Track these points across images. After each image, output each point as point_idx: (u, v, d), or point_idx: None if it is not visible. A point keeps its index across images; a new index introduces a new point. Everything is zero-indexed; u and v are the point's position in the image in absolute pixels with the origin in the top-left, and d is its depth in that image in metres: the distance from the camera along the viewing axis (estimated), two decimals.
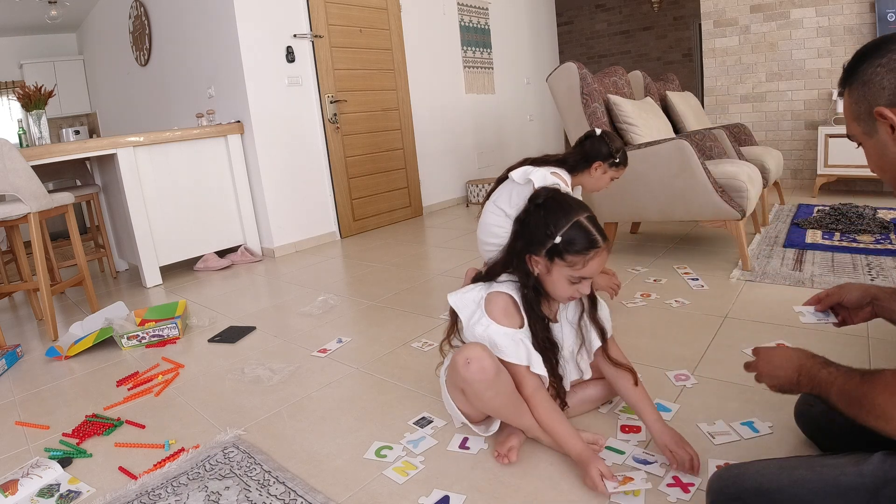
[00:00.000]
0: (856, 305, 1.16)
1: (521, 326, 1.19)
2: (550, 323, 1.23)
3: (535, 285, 1.17)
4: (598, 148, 1.95)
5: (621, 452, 1.23)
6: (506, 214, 2.06)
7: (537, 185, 1.80)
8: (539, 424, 1.19)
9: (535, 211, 1.16)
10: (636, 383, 1.23)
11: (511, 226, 2.02)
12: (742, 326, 1.85)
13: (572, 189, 1.95)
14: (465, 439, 1.34)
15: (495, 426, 1.27)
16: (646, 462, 1.19)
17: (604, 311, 1.30)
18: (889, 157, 0.86)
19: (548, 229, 1.12)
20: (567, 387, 1.31)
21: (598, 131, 1.97)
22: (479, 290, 1.23)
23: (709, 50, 4.63)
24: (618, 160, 1.95)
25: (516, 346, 1.16)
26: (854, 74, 0.89)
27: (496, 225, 2.06)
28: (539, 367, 1.17)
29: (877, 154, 0.89)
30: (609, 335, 1.27)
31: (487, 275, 1.24)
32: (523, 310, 1.19)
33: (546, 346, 1.20)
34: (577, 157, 1.96)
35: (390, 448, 1.34)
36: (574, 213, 1.13)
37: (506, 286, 1.20)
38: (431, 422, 1.44)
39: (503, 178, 2.00)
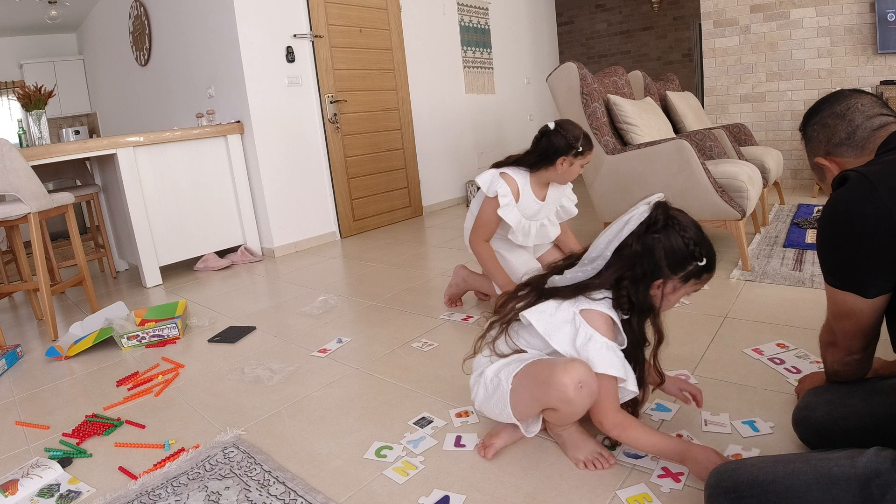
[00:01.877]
0: None
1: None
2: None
3: (637, 308, 1.12)
4: (556, 143, 1.93)
5: (612, 448, 1.25)
6: (473, 216, 2.17)
7: (482, 189, 2.01)
8: (637, 445, 1.13)
9: (667, 236, 1.09)
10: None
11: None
12: (742, 326, 1.85)
13: (527, 183, 2.02)
14: (459, 437, 1.35)
15: (537, 427, 1.22)
16: (636, 456, 1.21)
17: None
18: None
19: (694, 252, 1.09)
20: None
21: (552, 125, 1.95)
22: (566, 309, 1.15)
23: (709, 50, 4.63)
24: (580, 149, 1.92)
25: (623, 362, 1.11)
26: (802, 132, 1.12)
27: (467, 229, 2.21)
28: (633, 384, 1.13)
29: (830, 191, 1.05)
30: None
31: (565, 293, 1.17)
32: (623, 331, 1.14)
33: (638, 363, 1.17)
34: (536, 156, 1.98)
35: (390, 448, 1.34)
36: (702, 231, 1.13)
37: (602, 305, 1.13)
38: (431, 422, 1.44)
39: None
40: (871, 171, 0.89)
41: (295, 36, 3.72)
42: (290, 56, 3.70)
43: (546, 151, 1.95)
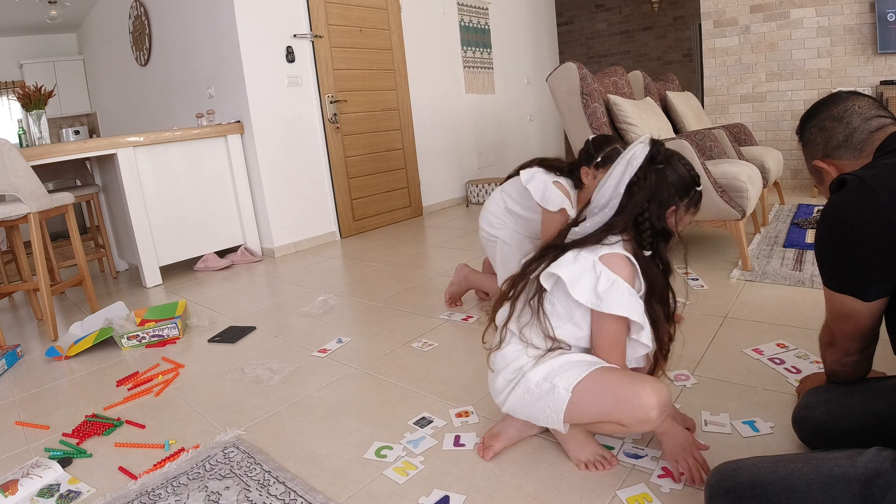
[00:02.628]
0: None
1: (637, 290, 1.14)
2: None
3: (660, 235, 1.14)
4: (582, 154, 1.92)
5: (611, 448, 1.25)
6: (506, 207, 2.07)
7: (533, 195, 1.87)
8: None
9: (669, 167, 1.14)
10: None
11: (508, 221, 2.01)
12: (742, 326, 1.85)
13: (575, 200, 1.90)
14: (458, 437, 1.35)
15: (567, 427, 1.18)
16: (636, 456, 1.21)
17: None
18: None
19: (695, 178, 1.17)
20: None
21: (591, 137, 1.93)
22: (587, 257, 1.12)
23: (709, 50, 4.63)
24: (599, 159, 1.85)
25: (643, 310, 1.11)
26: (800, 136, 1.11)
27: (493, 214, 2.12)
28: (647, 337, 1.14)
29: (827, 194, 1.05)
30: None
31: (589, 241, 1.14)
32: (641, 271, 1.14)
33: (666, 296, 1.17)
34: (568, 170, 1.95)
35: (390, 448, 1.34)
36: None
37: (618, 247, 1.13)
38: (431, 422, 1.44)
39: (515, 173, 2.02)
40: (870, 174, 0.89)
41: (295, 36, 3.72)
42: (290, 56, 3.70)
43: (573, 162, 1.91)
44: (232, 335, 2.26)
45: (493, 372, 1.25)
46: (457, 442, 1.33)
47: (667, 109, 3.50)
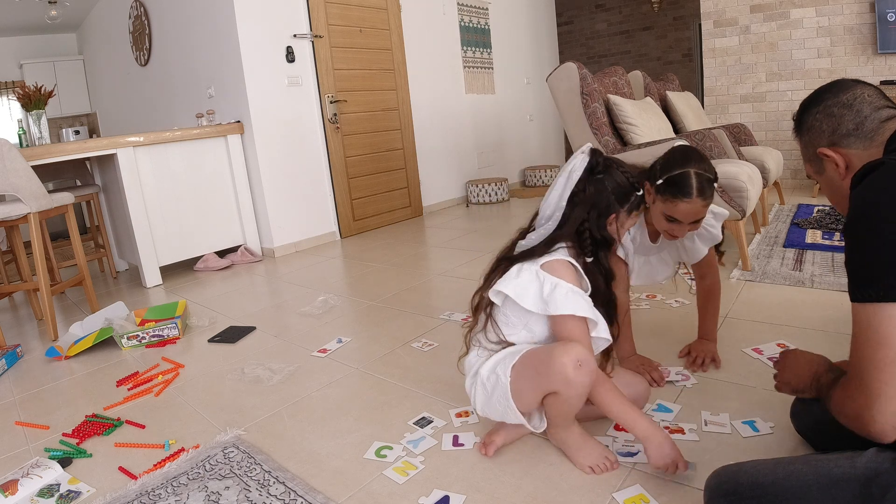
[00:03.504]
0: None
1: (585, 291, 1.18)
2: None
3: (601, 244, 1.19)
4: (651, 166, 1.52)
5: (606, 447, 1.24)
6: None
7: None
8: (604, 403, 1.15)
9: (608, 175, 1.19)
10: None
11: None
12: (742, 326, 1.85)
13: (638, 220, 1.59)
14: (457, 437, 1.35)
15: (545, 423, 1.21)
16: (630, 454, 1.22)
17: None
18: (836, 189, 0.98)
19: (634, 185, 1.21)
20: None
21: (675, 145, 1.53)
22: (529, 268, 1.17)
23: (709, 50, 4.63)
24: (661, 183, 1.42)
25: (591, 306, 1.14)
26: (799, 124, 1.03)
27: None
28: (605, 331, 1.17)
29: (828, 188, 1.01)
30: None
31: (536, 251, 1.19)
32: (584, 273, 1.19)
33: (608, 300, 1.21)
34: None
35: (390, 448, 1.34)
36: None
37: (559, 254, 1.18)
38: (431, 422, 1.44)
39: None
40: None
41: (295, 36, 3.72)
42: (290, 56, 3.70)
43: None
44: (232, 335, 2.26)
45: (465, 377, 1.30)
46: (455, 442, 1.33)
47: (667, 109, 3.50)
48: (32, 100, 3.24)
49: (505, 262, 1.23)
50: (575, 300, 1.12)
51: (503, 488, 1.16)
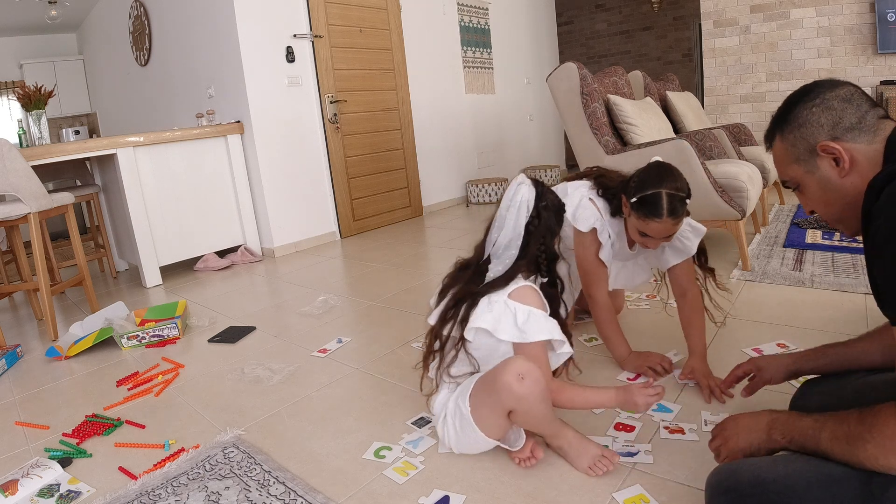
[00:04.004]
0: (780, 382, 1.22)
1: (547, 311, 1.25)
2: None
3: (552, 261, 1.28)
4: (628, 180, 1.55)
5: (605, 447, 1.24)
6: None
7: (567, 209, 1.59)
8: (573, 404, 1.24)
9: (549, 201, 1.28)
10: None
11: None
12: (742, 326, 1.85)
13: (616, 229, 1.64)
14: None
15: (522, 439, 1.21)
16: (630, 454, 1.22)
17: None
18: (833, 189, 0.91)
19: (563, 207, 1.31)
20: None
21: (652, 161, 1.54)
22: (498, 300, 1.21)
23: (709, 50, 4.63)
24: (635, 201, 1.47)
25: (558, 328, 1.21)
26: (786, 121, 0.95)
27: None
28: (568, 347, 1.24)
29: (820, 190, 0.93)
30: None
31: (498, 284, 1.23)
32: (544, 295, 1.26)
33: (565, 306, 1.31)
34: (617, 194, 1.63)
35: (389, 449, 1.34)
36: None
37: (520, 280, 1.24)
38: (429, 422, 1.44)
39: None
40: None
41: (295, 36, 3.72)
42: (290, 56, 3.70)
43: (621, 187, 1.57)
44: (232, 335, 2.26)
45: (434, 416, 1.31)
46: None
47: (667, 109, 3.50)
48: (32, 100, 3.24)
49: (470, 296, 1.24)
50: (547, 326, 1.20)
51: (503, 488, 1.16)
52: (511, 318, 1.19)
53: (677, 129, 3.46)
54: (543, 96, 6.17)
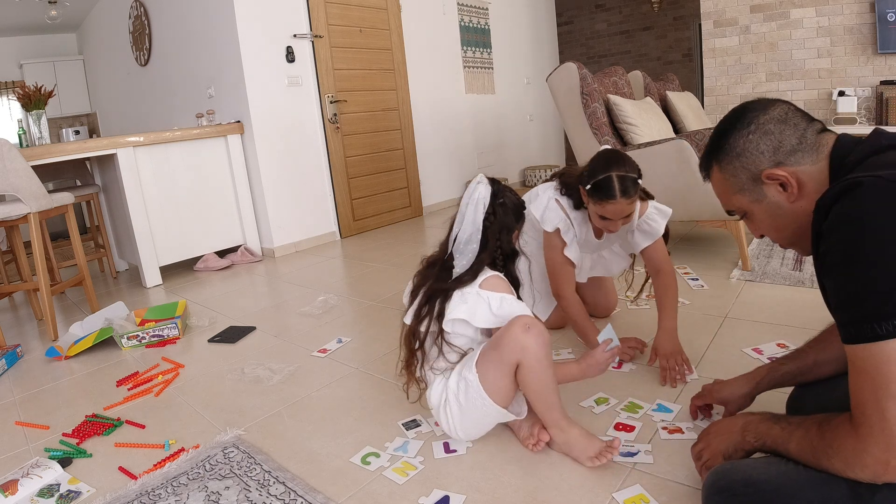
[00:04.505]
0: (741, 406, 1.20)
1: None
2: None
3: (509, 257, 1.37)
4: (583, 170, 1.64)
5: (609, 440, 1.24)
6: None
7: (534, 213, 1.74)
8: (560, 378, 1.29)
9: (506, 197, 1.37)
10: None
11: (532, 236, 1.91)
12: (742, 326, 1.85)
13: (579, 220, 1.72)
14: (447, 444, 1.33)
15: (523, 406, 1.28)
16: (630, 454, 1.22)
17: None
18: (783, 215, 0.89)
19: (522, 204, 1.41)
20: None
21: (600, 150, 1.64)
22: (470, 291, 1.28)
23: (709, 50, 4.63)
24: (589, 188, 1.56)
25: (523, 306, 1.29)
26: (721, 151, 0.92)
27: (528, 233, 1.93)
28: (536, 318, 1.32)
29: (769, 217, 0.91)
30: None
31: (466, 278, 1.30)
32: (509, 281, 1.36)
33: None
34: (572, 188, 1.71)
35: (377, 455, 1.32)
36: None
37: (486, 272, 1.32)
38: (419, 425, 1.43)
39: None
40: (887, 172, 0.73)
41: (295, 36, 3.72)
42: (290, 56, 3.70)
43: (580, 179, 1.63)
44: (232, 335, 2.26)
45: (434, 409, 1.32)
46: (447, 449, 1.32)
47: (667, 109, 3.50)
48: (32, 100, 3.24)
49: (441, 294, 1.30)
50: (519, 306, 1.27)
51: (503, 488, 1.16)
52: (486, 307, 1.26)
53: (677, 129, 3.46)
54: (543, 96, 6.17)
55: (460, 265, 1.31)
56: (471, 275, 1.30)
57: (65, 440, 1.54)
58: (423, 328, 1.30)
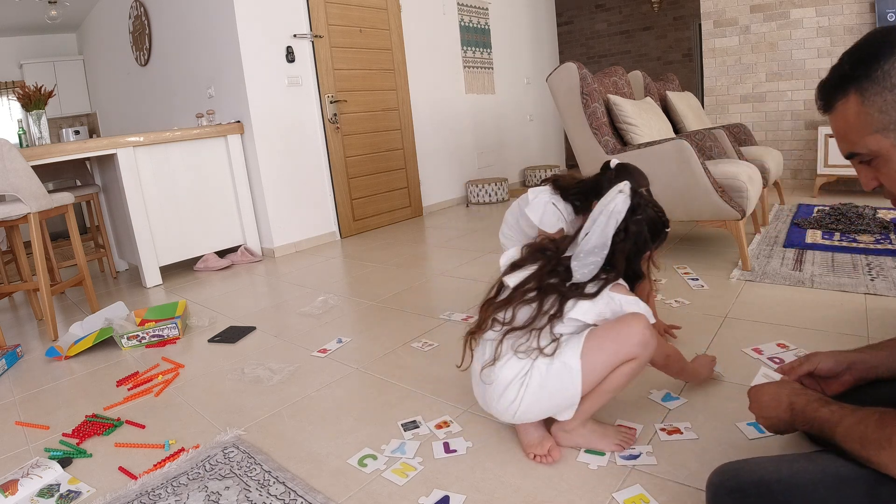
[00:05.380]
0: (829, 374, 1.08)
1: None
2: None
3: (632, 279, 1.31)
4: (599, 185, 1.65)
5: (600, 454, 1.23)
6: (517, 221, 1.94)
7: (531, 217, 1.73)
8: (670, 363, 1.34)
9: (646, 215, 1.27)
10: None
11: (516, 235, 1.93)
12: (742, 326, 1.85)
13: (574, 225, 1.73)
14: (447, 444, 1.33)
15: (573, 411, 1.24)
16: (632, 457, 1.22)
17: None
18: None
19: (665, 222, 1.32)
20: None
21: (613, 163, 1.67)
22: (604, 296, 1.23)
23: (709, 50, 4.63)
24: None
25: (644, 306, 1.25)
26: (870, 78, 0.75)
27: (507, 225, 1.98)
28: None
29: None
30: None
31: (588, 294, 1.23)
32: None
33: None
34: (580, 196, 1.71)
35: (374, 458, 1.31)
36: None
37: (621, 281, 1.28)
38: (418, 427, 1.43)
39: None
40: None
41: (295, 36, 3.72)
42: (290, 56, 3.70)
43: (587, 193, 1.68)
44: (232, 335, 2.26)
45: (487, 384, 1.24)
46: (447, 449, 1.31)
47: (667, 109, 3.50)
48: (32, 100, 3.24)
49: (555, 292, 1.22)
50: (646, 307, 1.22)
51: (503, 488, 1.16)
52: (616, 309, 1.21)
53: (677, 129, 3.46)
54: (543, 96, 6.17)
55: (580, 273, 1.22)
56: (593, 294, 1.21)
57: (65, 440, 1.54)
58: (522, 314, 1.22)
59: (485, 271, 2.81)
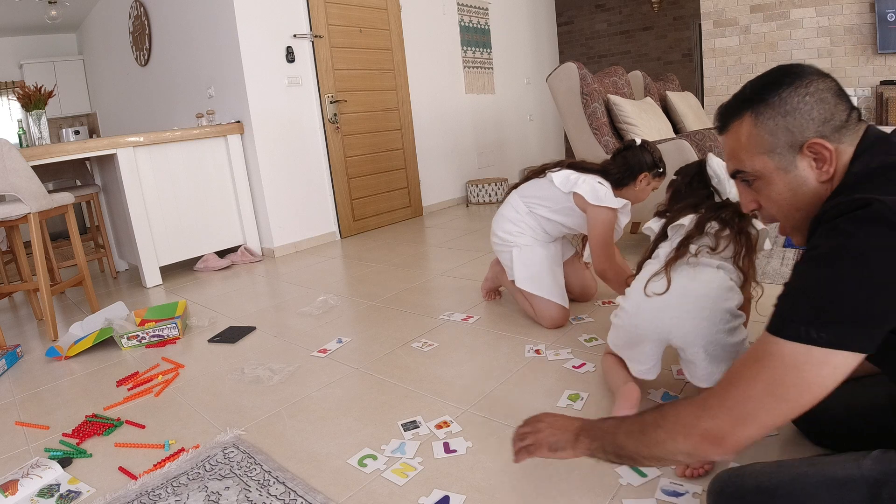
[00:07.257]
0: None
1: None
2: None
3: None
4: (643, 158, 1.92)
5: (643, 475, 1.14)
6: (529, 211, 2.03)
7: (586, 197, 1.86)
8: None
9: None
10: None
11: (527, 226, 2.00)
12: None
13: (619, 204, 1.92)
14: (447, 444, 1.33)
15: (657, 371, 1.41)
16: (676, 494, 1.07)
17: None
18: (805, 193, 0.82)
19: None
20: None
21: (638, 141, 1.96)
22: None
23: (709, 50, 4.63)
24: (661, 169, 1.95)
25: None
26: (765, 103, 0.81)
27: (511, 221, 2.06)
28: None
29: (789, 192, 0.83)
30: None
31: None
32: None
33: None
34: (622, 170, 1.93)
35: (374, 458, 1.31)
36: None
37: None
38: (417, 427, 1.43)
39: (535, 175, 2.03)
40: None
41: (295, 36, 3.72)
42: (290, 56, 3.70)
43: (632, 165, 1.92)
44: (232, 335, 2.26)
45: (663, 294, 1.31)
46: (447, 449, 1.31)
47: (667, 109, 3.50)
48: (32, 100, 3.24)
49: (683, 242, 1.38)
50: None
51: (503, 488, 1.16)
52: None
53: (677, 129, 3.46)
54: (543, 96, 6.17)
55: (671, 241, 1.41)
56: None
57: (65, 440, 1.54)
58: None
59: (485, 271, 2.81)
